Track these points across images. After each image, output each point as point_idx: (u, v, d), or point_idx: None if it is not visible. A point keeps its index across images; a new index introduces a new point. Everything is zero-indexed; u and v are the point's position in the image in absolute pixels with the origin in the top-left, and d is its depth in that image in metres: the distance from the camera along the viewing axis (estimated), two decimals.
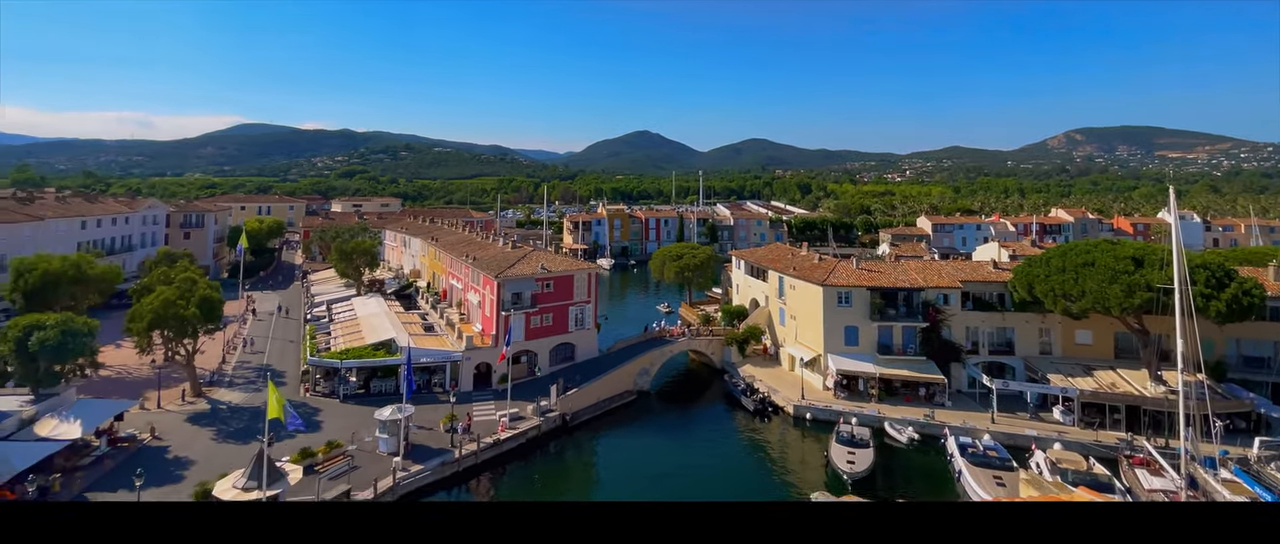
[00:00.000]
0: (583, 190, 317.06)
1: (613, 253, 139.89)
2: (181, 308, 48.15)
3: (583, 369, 55.40)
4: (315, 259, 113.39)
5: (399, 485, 36.75)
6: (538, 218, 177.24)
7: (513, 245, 68.44)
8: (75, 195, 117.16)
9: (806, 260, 63.43)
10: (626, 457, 44.55)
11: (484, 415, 46.57)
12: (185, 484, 34.98)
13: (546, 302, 56.87)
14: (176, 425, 43.52)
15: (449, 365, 52.77)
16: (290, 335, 67.29)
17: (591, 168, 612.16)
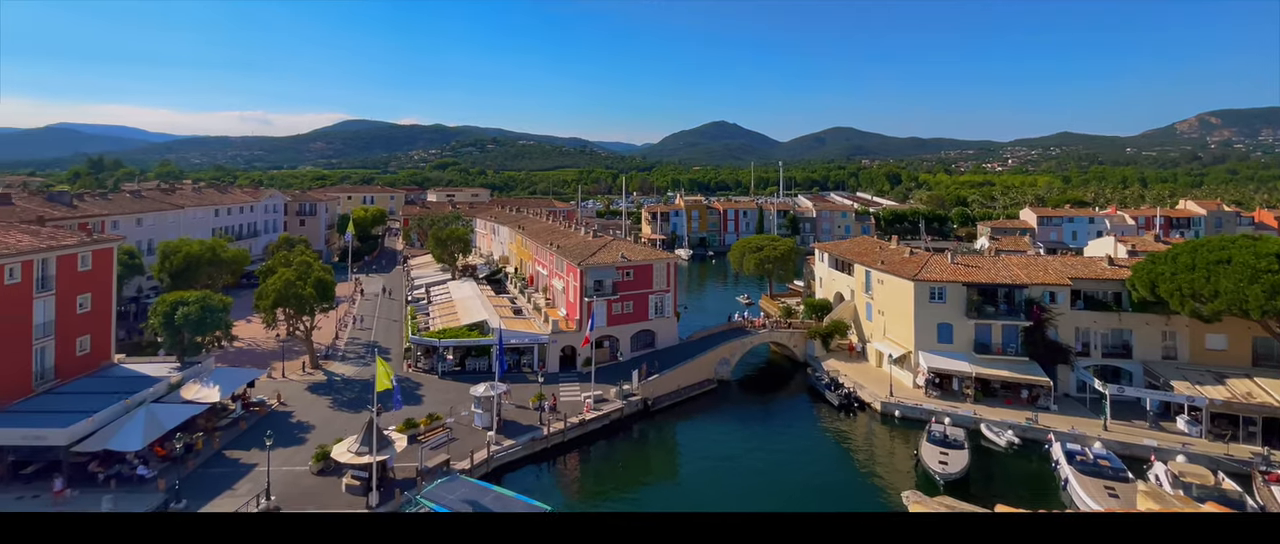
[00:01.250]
0: (660, 181, 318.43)
1: (691, 244, 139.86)
2: (300, 288, 53.09)
3: (663, 356, 56.16)
4: (414, 245, 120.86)
5: (493, 458, 38.99)
6: (617, 208, 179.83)
7: (593, 235, 70.23)
8: (208, 187, 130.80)
9: (896, 254, 60.99)
10: (708, 444, 44.90)
11: (569, 396, 48.36)
12: (307, 447, 38.83)
13: (627, 289, 58.01)
14: (298, 393, 48.29)
15: (536, 347, 55.09)
16: (393, 315, 72.45)
17: (668, 159, 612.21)
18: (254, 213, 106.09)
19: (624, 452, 43.63)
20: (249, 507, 31.23)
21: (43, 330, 40.47)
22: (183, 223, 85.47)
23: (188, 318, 47.05)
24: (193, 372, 44.66)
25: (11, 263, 37.98)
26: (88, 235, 48.51)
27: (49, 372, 40.78)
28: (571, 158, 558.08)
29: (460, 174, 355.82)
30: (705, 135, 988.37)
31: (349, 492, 34.10)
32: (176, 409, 38.99)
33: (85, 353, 43.94)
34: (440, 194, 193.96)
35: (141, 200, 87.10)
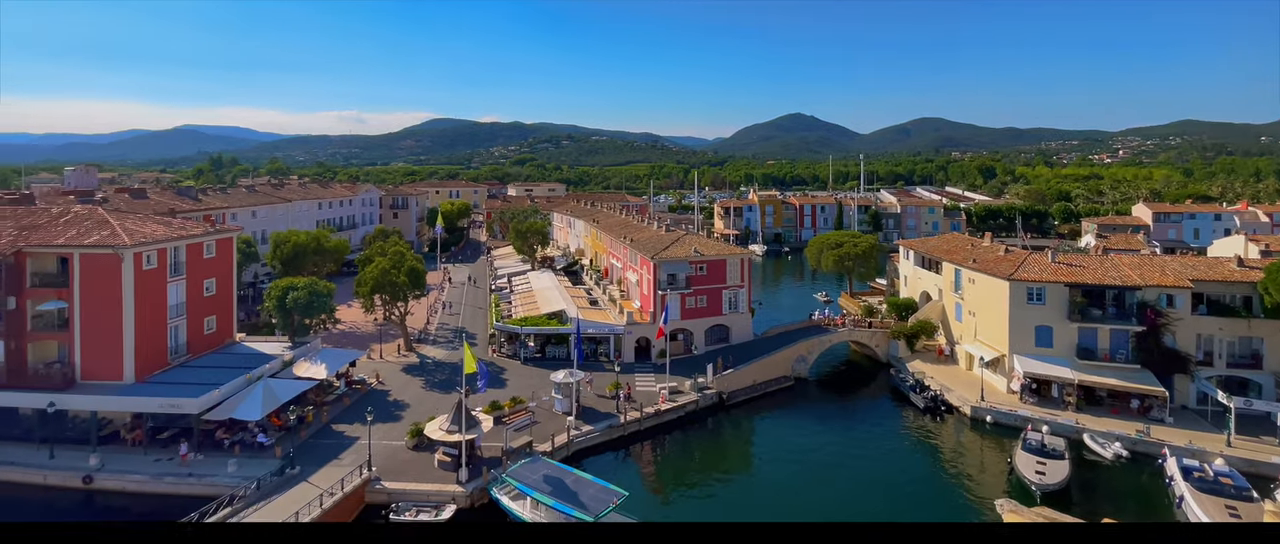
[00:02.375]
0: (732, 176, 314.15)
1: (765, 239, 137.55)
2: (395, 276, 56.62)
3: (737, 351, 55.85)
4: (496, 237, 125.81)
5: (573, 442, 40.30)
6: (688, 203, 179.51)
7: (666, 229, 70.64)
8: (312, 182, 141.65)
9: (989, 252, 57.66)
10: (785, 440, 44.37)
11: (644, 386, 49.08)
12: (403, 423, 41.56)
13: (700, 283, 58.04)
14: (394, 374, 51.70)
15: (612, 337, 56.22)
16: (479, 303, 75.91)
17: (741, 153, 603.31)
18: (352, 206, 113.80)
19: (699, 443, 43.85)
20: (353, 476, 33.81)
21: (176, 311, 45.38)
22: (291, 215, 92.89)
23: (297, 302, 51.32)
24: (302, 351, 48.71)
25: (149, 250, 42.79)
26: (211, 226, 53.75)
27: (181, 348, 45.70)
28: (643, 153, 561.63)
29: (537, 169, 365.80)
30: (780, 128, 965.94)
31: (441, 467, 36.27)
32: (290, 384, 42.72)
33: (211, 332, 48.91)
34: (519, 189, 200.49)
35: (255, 195, 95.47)
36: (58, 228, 42.84)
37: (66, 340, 40.85)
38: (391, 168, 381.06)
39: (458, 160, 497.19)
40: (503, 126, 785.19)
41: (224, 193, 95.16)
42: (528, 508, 32.33)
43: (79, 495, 35.06)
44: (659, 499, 37.03)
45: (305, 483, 33.68)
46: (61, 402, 38.34)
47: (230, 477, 34.58)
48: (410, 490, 34.17)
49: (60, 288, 40.90)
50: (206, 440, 38.52)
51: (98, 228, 42.57)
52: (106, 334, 40.81)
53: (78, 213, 45.94)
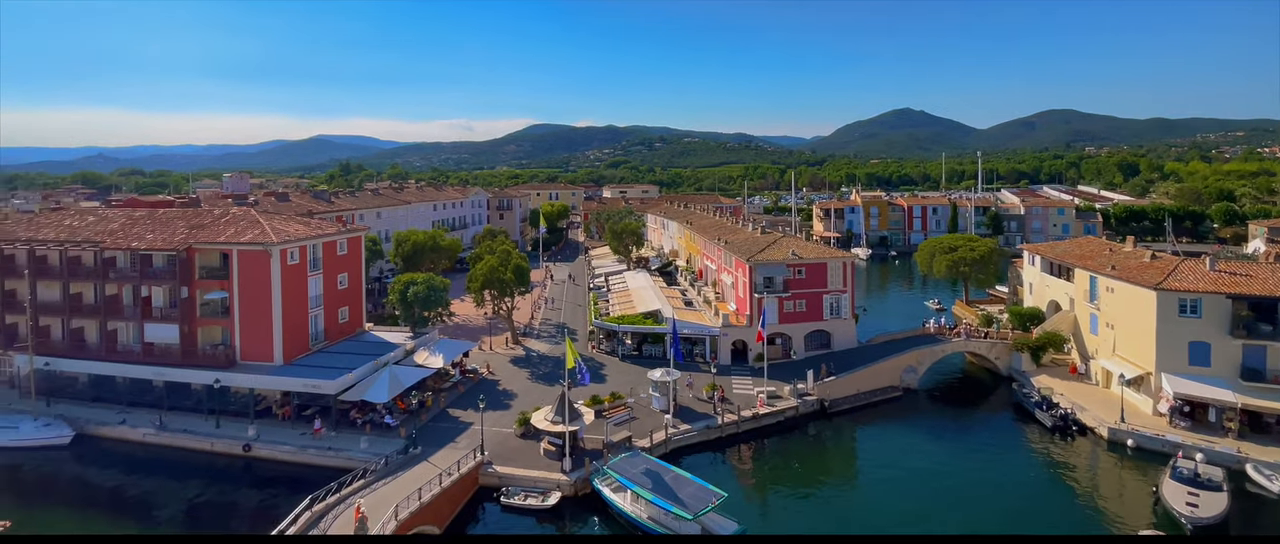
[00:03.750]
0: (832, 176, 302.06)
1: (869, 242, 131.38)
2: (502, 273, 59.72)
3: (840, 358, 53.86)
4: (593, 237, 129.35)
5: (671, 440, 40.65)
6: (785, 204, 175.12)
7: (761, 231, 69.34)
8: (427, 185, 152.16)
9: (1132, 258, 51.85)
10: (892, 453, 42.21)
11: (741, 389, 48.55)
12: (511, 412, 43.79)
13: (799, 287, 56.49)
14: (502, 365, 54.60)
15: (708, 339, 56.06)
16: (578, 300, 78.43)
17: (841, 152, 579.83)
18: (463, 208, 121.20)
19: (799, 450, 42.72)
20: (468, 459, 36.06)
21: (315, 302, 50.45)
22: (410, 216, 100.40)
23: (417, 295, 55.45)
24: (422, 341, 52.56)
25: (293, 247, 47.81)
26: (342, 226, 59.09)
27: (320, 335, 50.74)
28: (736, 154, 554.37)
29: (631, 172, 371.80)
30: (885, 125, 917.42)
31: (546, 456, 37.86)
32: (412, 371, 46.28)
33: (345, 321, 53.92)
34: (614, 190, 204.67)
35: (379, 197, 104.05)
36: (219, 227, 48.99)
37: (228, 325, 46.60)
38: (496, 172, 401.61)
39: (556, 164, 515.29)
40: (598, 130, 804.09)
41: (352, 196, 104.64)
42: (629, 501, 32.97)
43: (240, 461, 40.00)
44: (759, 503, 36.46)
45: (426, 462, 36.36)
46: (225, 379, 43.89)
47: (362, 453, 38.07)
48: (519, 476, 35.92)
49: (222, 279, 46.74)
50: (341, 419, 42.59)
51: (251, 227, 48.25)
52: (259, 321, 46.15)
53: (235, 214, 52.33)
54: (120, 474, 39.24)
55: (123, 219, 52.62)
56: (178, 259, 46.32)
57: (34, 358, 46.82)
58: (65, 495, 37.43)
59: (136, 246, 46.94)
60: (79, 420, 43.88)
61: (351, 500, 31.86)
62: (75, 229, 50.69)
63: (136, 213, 55.20)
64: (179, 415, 44.12)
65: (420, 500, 31.12)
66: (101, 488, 38.02)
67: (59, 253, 48.38)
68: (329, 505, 31.48)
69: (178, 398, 45.32)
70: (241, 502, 36.29)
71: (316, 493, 31.85)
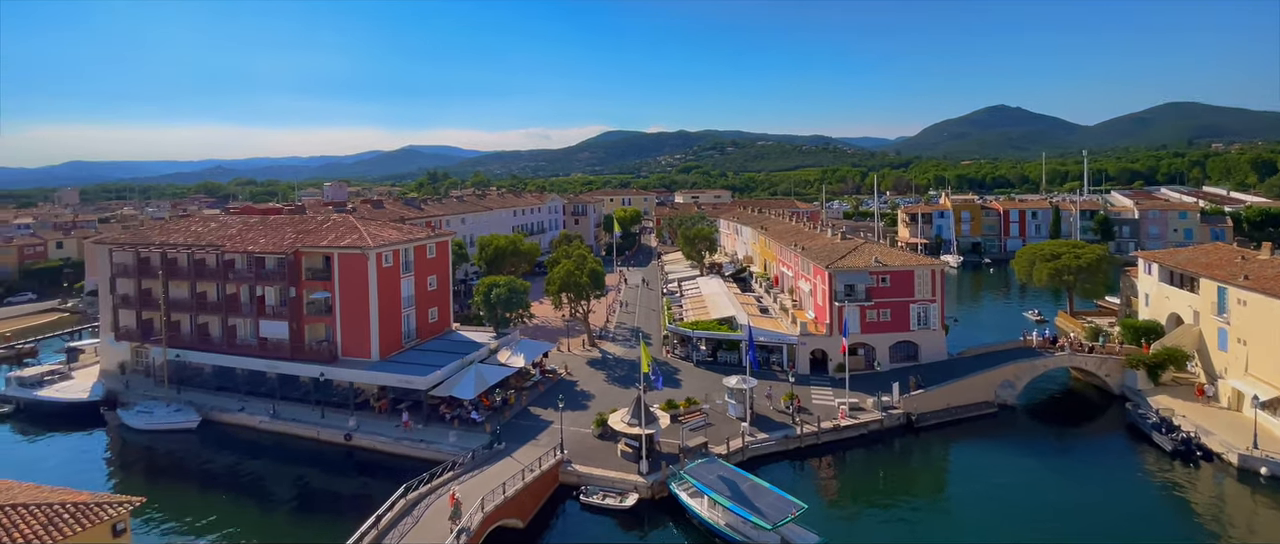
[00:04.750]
0: (918, 178, 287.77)
1: (960, 249, 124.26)
2: (578, 277, 61.01)
3: (928, 370, 51.23)
4: (665, 242, 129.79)
5: (748, 448, 40.07)
6: (867, 209, 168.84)
7: (841, 237, 67.10)
8: (507, 192, 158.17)
9: (1269, 267, 46.38)
10: (987, 472, 39.64)
11: (821, 400, 47.15)
12: (589, 412, 44.59)
13: (883, 296, 54.22)
14: (579, 366, 55.75)
15: (785, 347, 54.83)
16: (652, 305, 78.92)
17: (929, 153, 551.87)
18: (540, 213, 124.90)
19: (884, 464, 40.94)
20: (548, 457, 37.03)
21: (407, 302, 53.35)
22: (492, 221, 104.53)
23: (499, 297, 57.57)
24: (504, 341, 54.50)
25: (387, 251, 50.79)
26: (432, 231, 62.14)
27: (412, 333, 53.60)
28: (813, 156, 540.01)
29: (702, 177, 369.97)
30: (977, 123, 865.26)
31: (624, 457, 38.27)
32: (495, 370, 48.09)
33: (434, 321, 56.73)
34: (686, 196, 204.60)
35: (463, 204, 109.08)
36: (322, 232, 52.81)
37: (330, 323, 50.11)
38: (571, 178, 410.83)
39: (628, 170, 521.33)
40: (669, 136, 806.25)
41: (439, 202, 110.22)
42: (706, 507, 32.74)
43: (342, 449, 42.96)
44: (841, 516, 35.18)
45: (510, 458, 37.67)
46: (329, 372, 47.24)
47: (451, 446, 39.95)
48: (597, 476, 36.49)
49: (325, 280, 50.31)
50: (431, 414, 44.84)
51: (350, 232, 51.72)
52: (358, 319, 49.36)
53: (335, 220, 56.29)
54: (239, 457, 43.13)
55: (239, 225, 57.80)
56: (286, 261, 50.35)
57: (166, 350, 52.29)
58: (192, 474, 41.49)
59: (251, 250, 51.41)
60: (205, 407, 48.59)
61: (441, 491, 33.46)
62: (200, 234, 56.17)
63: (251, 219, 60.47)
64: (289, 405, 47.92)
65: (505, 494, 32.22)
66: (222, 468, 41.89)
67: (186, 255, 53.73)
68: (422, 494, 33.20)
69: (288, 389, 49.22)
70: (343, 487, 38.94)
71: (410, 482, 33.69)
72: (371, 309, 49.11)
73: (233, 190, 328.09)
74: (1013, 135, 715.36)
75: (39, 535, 15.56)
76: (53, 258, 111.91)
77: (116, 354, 56.60)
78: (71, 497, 17.48)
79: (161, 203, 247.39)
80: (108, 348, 57.22)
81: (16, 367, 61.67)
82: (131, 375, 55.68)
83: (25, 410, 51.44)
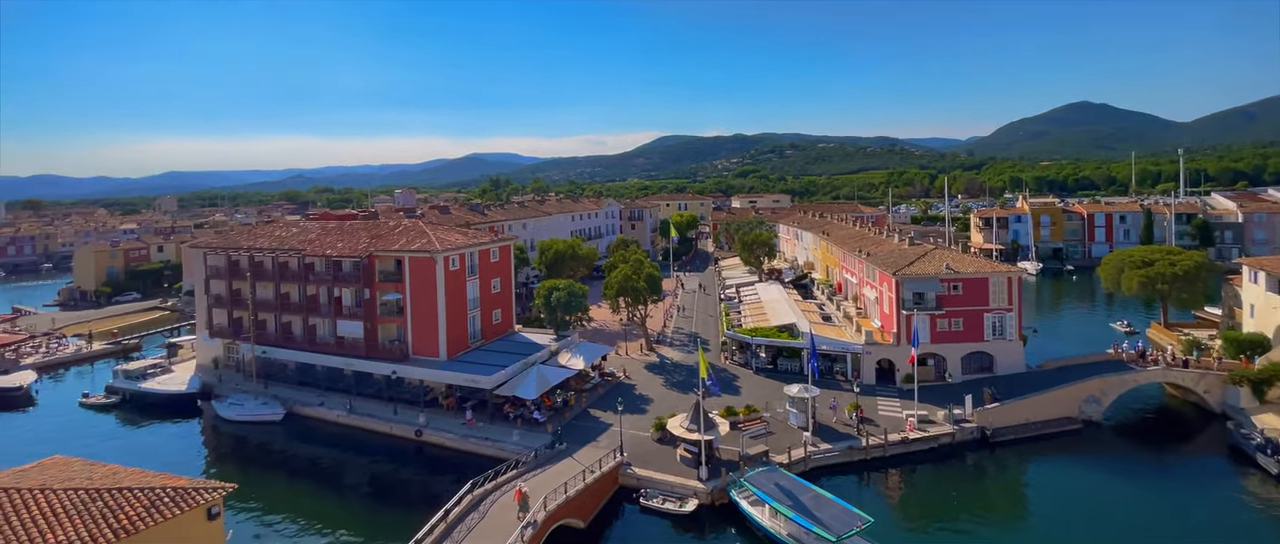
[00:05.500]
0: (992, 181, 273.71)
1: (1039, 255, 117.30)
2: (635, 281, 61.31)
3: (1004, 383, 48.63)
4: (722, 248, 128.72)
5: (810, 458, 39.15)
6: (937, 213, 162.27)
7: (909, 242, 64.60)
8: (565, 198, 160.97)
9: None
10: (1070, 492, 37.23)
11: (888, 411, 45.58)
12: (647, 416, 44.76)
13: (954, 304, 51.87)
14: (637, 370, 56.02)
15: (849, 356, 53.30)
16: (709, 310, 78.44)
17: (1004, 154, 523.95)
18: (597, 218, 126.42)
19: (956, 480, 39.10)
20: (608, 458, 37.39)
21: (473, 304, 55.07)
22: (551, 226, 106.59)
23: (559, 300, 58.58)
24: (564, 343, 55.43)
25: (454, 255, 52.58)
26: (494, 235, 64.00)
27: (477, 334, 55.28)
28: (878, 159, 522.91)
29: (760, 181, 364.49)
30: (1057, 121, 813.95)
31: (683, 462, 38.15)
32: (556, 371, 48.98)
33: (498, 322, 58.34)
34: (743, 200, 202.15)
35: (524, 209, 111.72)
36: (393, 237, 55.24)
37: (402, 324, 52.33)
38: (627, 184, 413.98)
39: (683, 174, 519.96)
40: (725, 140, 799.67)
41: (501, 208, 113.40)
42: (767, 515, 32.19)
43: (412, 444, 44.79)
44: (909, 532, 33.81)
45: (571, 458, 38.28)
46: (400, 370, 49.37)
47: (515, 444, 40.99)
48: (657, 479, 36.53)
49: (397, 283, 52.58)
50: (496, 412, 46.10)
51: (419, 237, 53.89)
52: (427, 320, 51.34)
53: (406, 225, 58.73)
54: (319, 448, 45.66)
55: (318, 230, 61.23)
56: (361, 264, 52.98)
57: (254, 346, 55.94)
58: (277, 464, 44.20)
59: (329, 254, 54.37)
60: (289, 401, 51.69)
61: (506, 487, 34.33)
62: (283, 239, 59.85)
63: (329, 224, 63.97)
64: (364, 401, 50.37)
65: (566, 494, 32.72)
66: (304, 459, 44.44)
67: (271, 259, 57.35)
68: (487, 491, 34.16)
69: (363, 385, 51.76)
70: (413, 480, 40.56)
71: (476, 479, 34.72)
72: (439, 310, 50.99)
73: (312, 197, 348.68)
74: (1098, 133, 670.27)
75: (142, 517, 16.68)
76: (154, 261, 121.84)
77: (210, 350, 61.05)
78: (171, 481, 18.75)
79: (248, 209, 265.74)
80: (203, 344, 61.81)
81: (123, 361, 67.44)
82: (224, 370, 59.90)
83: (131, 401, 56.14)
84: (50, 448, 34.56)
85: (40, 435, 49.34)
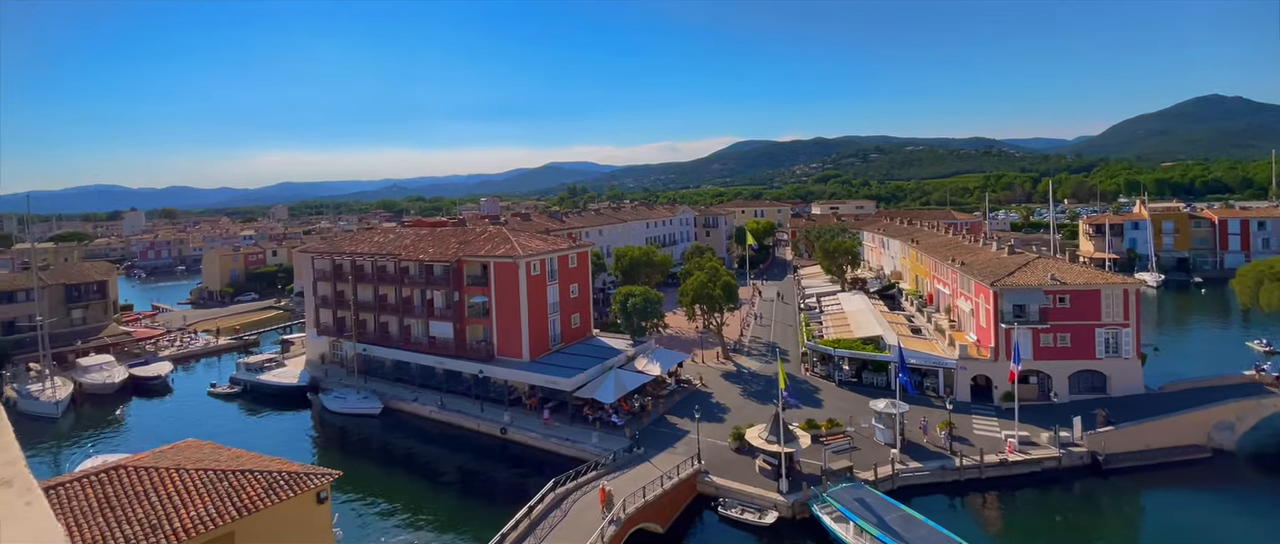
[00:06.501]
0: (1105, 184, 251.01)
1: (1162, 266, 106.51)
2: (711, 289, 60.83)
3: (1119, 404, 44.52)
4: (802, 256, 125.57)
5: (898, 476, 37.40)
6: (1040, 219, 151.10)
7: (1009, 251, 60.38)
8: (640, 204, 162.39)
9: None
10: (1198, 527, 33.55)
11: (984, 430, 42.83)
12: (724, 425, 44.30)
13: (1061, 318, 48.02)
14: (714, 378, 55.61)
15: (941, 371, 50.54)
16: (788, 320, 76.68)
17: (1118, 154, 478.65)
18: (672, 225, 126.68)
19: (1062, 507, 36.13)
20: (686, 465, 37.32)
21: (553, 308, 56.62)
22: (626, 233, 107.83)
23: (636, 306, 59.14)
24: (641, 349, 55.92)
25: (535, 260, 54.26)
26: (573, 242, 65.49)
27: (557, 337, 56.76)
28: (973, 161, 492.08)
29: (842, 186, 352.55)
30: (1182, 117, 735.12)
31: (762, 474, 37.47)
32: (634, 376, 49.50)
33: (577, 327, 59.65)
34: (824, 207, 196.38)
35: (600, 216, 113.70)
36: (479, 242, 57.73)
37: (487, 325, 54.59)
38: (702, 190, 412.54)
39: (760, 180, 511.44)
40: (804, 144, 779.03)
41: (579, 215, 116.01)
42: (851, 533, 31.03)
43: (497, 441, 46.67)
44: None
45: (648, 463, 38.54)
46: (486, 370, 51.54)
47: (594, 446, 41.79)
48: (735, 489, 36.10)
49: (483, 286, 54.92)
50: (575, 414, 47.18)
51: (503, 243, 56.05)
52: (511, 322, 53.30)
53: (491, 232, 61.24)
54: (413, 441, 48.49)
55: (412, 236, 65.00)
56: (451, 269, 55.77)
57: (356, 344, 60.06)
58: (376, 454, 47.27)
59: (422, 258, 57.60)
60: (386, 396, 55.20)
61: (587, 488, 35.08)
62: (380, 245, 63.95)
63: (421, 231, 67.78)
64: (454, 397, 53.04)
65: (645, 498, 32.98)
66: (400, 451, 47.31)
67: (370, 263, 61.43)
68: (568, 490, 35.02)
69: (452, 383, 54.49)
70: (498, 476, 42.24)
71: (559, 478, 35.66)
72: (522, 313, 52.81)
73: (405, 206, 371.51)
74: (1230, 130, 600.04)
75: (261, 498, 18.14)
76: (269, 264, 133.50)
77: (318, 346, 66.15)
78: (286, 466, 20.33)
79: (350, 217, 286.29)
80: (311, 341, 67.07)
81: (244, 355, 74.29)
82: (330, 365, 64.75)
83: (250, 391, 61.73)
84: (184, 431, 38.55)
85: (176, 419, 55.26)
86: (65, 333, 73.01)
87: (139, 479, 17.12)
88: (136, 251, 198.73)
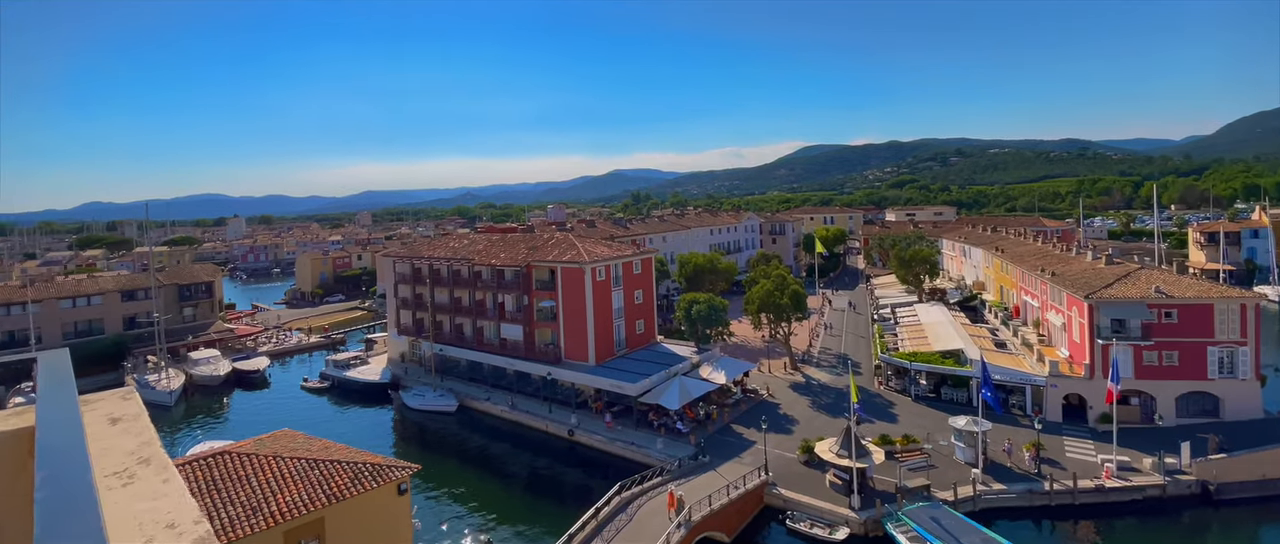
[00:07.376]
0: (1218, 188, 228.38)
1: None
2: (778, 297, 59.61)
3: (1234, 429, 40.47)
4: (875, 264, 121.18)
5: (980, 497, 35.40)
6: (1142, 227, 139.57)
7: (1106, 261, 56.01)
8: (704, 211, 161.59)
9: None
10: None
11: (1077, 453, 39.93)
12: (793, 437, 43.35)
13: (1167, 334, 44.07)
14: (781, 389, 54.50)
15: (1028, 388, 47.49)
16: (859, 331, 74.20)
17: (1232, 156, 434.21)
18: (737, 232, 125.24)
19: (1166, 539, 33.23)
20: (753, 476, 36.79)
21: (618, 313, 57.19)
22: (690, 240, 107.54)
23: (700, 313, 58.87)
24: (706, 356, 55.58)
25: (600, 266, 55.03)
26: (637, 248, 65.86)
27: (622, 343, 57.29)
28: (1065, 165, 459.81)
29: (919, 192, 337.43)
30: None
31: (833, 488, 36.38)
32: (698, 383, 49.23)
33: (641, 332, 59.99)
34: (899, 213, 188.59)
35: (664, 223, 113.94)
36: (547, 248, 59.15)
37: (555, 329, 55.81)
38: (768, 197, 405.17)
39: (829, 186, 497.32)
40: (876, 147, 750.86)
41: (643, 221, 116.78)
42: None
43: (565, 443, 47.64)
44: None
45: (713, 471, 38.27)
46: (554, 372, 52.72)
47: (659, 452, 41.89)
48: (804, 503, 35.24)
49: (550, 291, 56.20)
50: (640, 419, 47.45)
51: (569, 249, 57.20)
52: (577, 326, 54.28)
53: (557, 237, 62.64)
54: (485, 438, 50.34)
55: (485, 242, 67.42)
56: (521, 273, 57.44)
57: (433, 344, 62.79)
58: (451, 449, 49.30)
59: (494, 263, 59.61)
60: (461, 394, 57.51)
61: (653, 493, 35.27)
62: (456, 250, 66.67)
63: (493, 237, 70.26)
64: (524, 398, 54.62)
65: (711, 506, 32.74)
66: (474, 448, 49.17)
67: (446, 267, 64.12)
68: (634, 494, 35.28)
69: (522, 384, 56.12)
70: (565, 476, 43.16)
71: (625, 481, 35.97)
72: (588, 317, 53.69)
73: (478, 212, 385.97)
74: None
75: (348, 487, 19.29)
76: (355, 267, 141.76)
77: (398, 346, 69.68)
78: (370, 458, 21.55)
79: (427, 223, 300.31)
80: (392, 340, 70.74)
81: (332, 352, 79.17)
82: (409, 364, 68.06)
83: (338, 387, 65.73)
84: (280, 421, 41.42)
85: (272, 410, 59.61)
86: (178, 329, 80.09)
87: (242, 465, 18.60)
88: (238, 255, 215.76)
